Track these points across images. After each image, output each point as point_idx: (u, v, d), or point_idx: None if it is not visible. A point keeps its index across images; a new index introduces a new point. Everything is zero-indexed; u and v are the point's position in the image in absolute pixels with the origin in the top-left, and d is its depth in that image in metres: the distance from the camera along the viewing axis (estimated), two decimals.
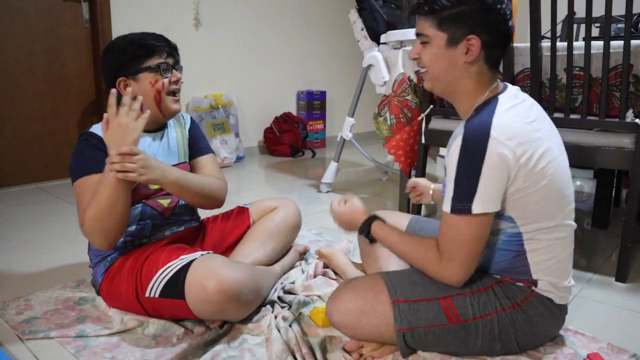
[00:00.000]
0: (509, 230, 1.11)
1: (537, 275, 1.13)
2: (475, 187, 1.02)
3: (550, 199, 1.09)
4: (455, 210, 1.05)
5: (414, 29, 1.16)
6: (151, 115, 1.36)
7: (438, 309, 1.10)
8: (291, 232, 1.70)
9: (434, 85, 1.18)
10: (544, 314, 1.15)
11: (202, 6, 3.63)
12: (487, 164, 1.01)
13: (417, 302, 1.11)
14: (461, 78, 1.12)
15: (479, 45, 1.08)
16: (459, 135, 1.05)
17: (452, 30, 1.08)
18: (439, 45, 1.11)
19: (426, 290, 1.13)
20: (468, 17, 1.07)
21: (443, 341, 1.12)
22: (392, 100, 2.18)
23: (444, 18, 1.08)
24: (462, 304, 1.11)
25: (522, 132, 1.04)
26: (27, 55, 2.93)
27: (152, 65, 1.35)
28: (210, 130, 3.66)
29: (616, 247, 1.69)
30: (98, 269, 1.40)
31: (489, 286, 1.13)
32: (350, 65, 4.70)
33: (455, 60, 1.10)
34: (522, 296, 1.13)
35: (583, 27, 2.61)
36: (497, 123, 1.02)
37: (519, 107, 1.09)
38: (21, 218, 2.36)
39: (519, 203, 1.07)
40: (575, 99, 1.72)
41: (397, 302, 1.12)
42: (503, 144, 1.01)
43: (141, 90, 1.35)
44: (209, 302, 1.21)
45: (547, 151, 1.07)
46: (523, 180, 1.04)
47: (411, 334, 1.11)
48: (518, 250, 1.12)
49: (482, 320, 1.11)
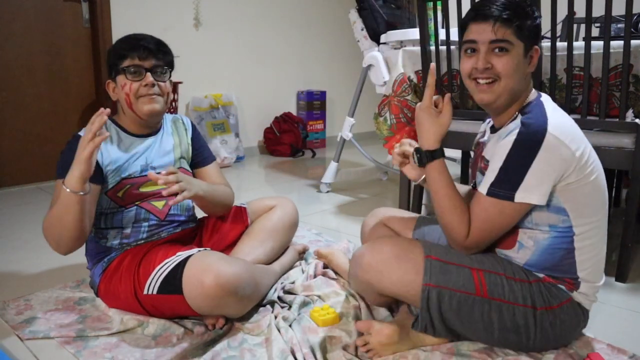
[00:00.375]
0: (560, 225, 1.12)
1: (581, 274, 1.14)
2: (521, 178, 1.05)
3: (598, 193, 1.12)
4: (496, 195, 1.08)
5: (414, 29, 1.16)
6: (130, 115, 1.41)
7: (469, 277, 1.12)
8: (289, 231, 1.70)
9: (499, 96, 1.13)
10: (572, 320, 1.16)
11: (202, 6, 3.63)
12: (540, 158, 1.04)
13: (449, 264, 1.14)
14: (521, 87, 1.15)
15: (538, 56, 1.14)
16: (514, 131, 1.07)
17: (527, 40, 1.11)
18: (519, 54, 1.11)
19: (460, 258, 1.15)
20: (536, 29, 1.13)
21: (464, 311, 1.12)
22: (392, 100, 2.18)
23: (523, 27, 1.10)
24: (494, 281, 1.12)
25: (573, 129, 1.09)
26: (27, 55, 2.93)
27: (122, 68, 1.35)
28: (210, 130, 3.66)
29: (616, 247, 1.69)
30: (95, 270, 1.41)
31: (527, 280, 1.14)
32: (350, 65, 4.70)
33: (526, 69, 1.14)
34: (559, 301, 1.13)
35: (583, 27, 2.61)
36: (552, 120, 1.06)
37: (559, 109, 1.14)
38: (21, 218, 2.36)
39: (573, 194, 1.09)
40: (575, 99, 1.72)
41: (430, 258, 1.15)
42: (559, 140, 1.04)
43: (118, 93, 1.39)
44: (207, 296, 1.20)
45: (592, 149, 1.12)
46: (577, 173, 1.07)
47: (437, 292, 1.12)
48: (567, 247, 1.13)
49: (507, 306, 1.11)
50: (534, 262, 1.16)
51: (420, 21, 1.99)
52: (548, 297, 1.13)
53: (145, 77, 1.35)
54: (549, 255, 1.14)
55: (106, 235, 1.40)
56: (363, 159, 3.58)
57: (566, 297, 1.14)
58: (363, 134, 4.46)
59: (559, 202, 1.09)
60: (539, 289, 1.13)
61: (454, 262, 1.14)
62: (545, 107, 1.11)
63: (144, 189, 1.41)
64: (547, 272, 1.15)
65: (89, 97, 3.22)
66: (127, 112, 1.39)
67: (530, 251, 1.15)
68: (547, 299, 1.13)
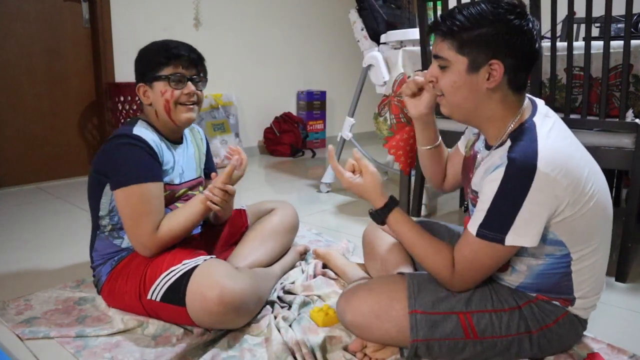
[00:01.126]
0: (557, 254, 1.06)
1: (578, 294, 1.10)
2: (511, 220, 0.98)
3: (599, 216, 1.05)
4: (485, 237, 1.01)
5: (414, 29, 1.14)
6: (164, 121, 1.40)
7: (456, 323, 1.08)
8: (289, 233, 1.70)
9: (452, 112, 1.09)
10: (570, 333, 1.13)
11: (202, 6, 3.63)
12: (530, 199, 0.95)
13: (435, 315, 1.09)
14: (484, 104, 1.05)
15: (502, 71, 1.00)
16: (500, 166, 0.98)
17: (474, 55, 1.00)
18: (460, 70, 1.02)
19: (447, 302, 1.09)
20: (491, 40, 0.98)
21: (455, 352, 1.10)
22: (392, 100, 2.18)
23: (464, 41, 1.00)
24: (483, 321, 1.08)
25: (568, 156, 0.99)
26: (27, 55, 2.93)
27: (164, 75, 1.35)
28: (210, 130, 3.66)
29: (616, 247, 1.69)
30: (103, 268, 1.39)
31: (517, 306, 1.10)
32: (350, 65, 4.70)
33: (477, 86, 1.03)
34: (554, 316, 1.10)
35: (583, 27, 2.61)
36: (542, 152, 0.96)
37: (555, 128, 1.03)
38: (21, 218, 2.36)
39: (570, 226, 1.02)
40: (575, 99, 1.72)
41: (415, 313, 1.09)
42: (550, 176, 0.95)
43: (154, 98, 1.38)
44: (210, 312, 1.20)
45: (590, 171, 1.02)
46: (572, 207, 0.99)
47: (426, 345, 1.09)
48: (564, 272, 1.07)
49: (501, 340, 1.08)
50: (527, 285, 1.11)
51: (420, 21, 1.99)
52: (542, 316, 1.09)
53: (187, 86, 1.37)
54: (545, 279, 1.09)
55: (123, 235, 1.39)
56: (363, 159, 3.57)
57: (562, 312, 1.11)
58: (363, 134, 4.46)
59: (555, 236, 1.03)
60: (531, 311, 1.09)
61: (440, 312, 1.08)
62: (538, 130, 1.00)
63: (177, 195, 1.44)
64: (542, 292, 1.11)
65: (89, 97, 3.22)
66: (162, 118, 1.40)
67: (523, 275, 1.10)
68: (541, 318, 1.09)
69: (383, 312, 1.11)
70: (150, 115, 1.42)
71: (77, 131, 3.18)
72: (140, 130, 1.34)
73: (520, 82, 1.05)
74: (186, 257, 1.31)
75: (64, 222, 2.28)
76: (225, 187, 1.31)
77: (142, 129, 1.36)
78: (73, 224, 2.24)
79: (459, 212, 2.56)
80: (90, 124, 3.24)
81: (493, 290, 1.12)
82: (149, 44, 1.41)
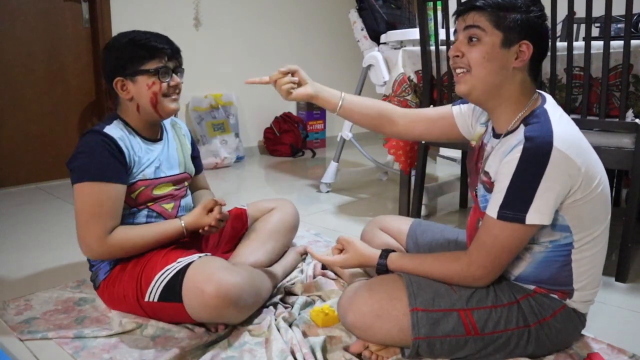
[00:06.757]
0: (561, 241, 1.08)
1: (577, 285, 1.11)
2: (531, 198, 0.99)
3: (603, 203, 1.08)
4: (505, 217, 1.02)
5: (414, 29, 1.14)
6: (147, 114, 1.38)
7: (457, 320, 1.09)
8: (289, 232, 1.70)
9: (473, 87, 1.09)
10: (568, 327, 1.14)
11: (202, 6, 3.63)
12: (548, 175, 0.98)
13: (436, 312, 1.10)
14: (506, 83, 1.08)
15: (530, 53, 1.05)
16: (517, 145, 1.01)
17: (508, 31, 1.04)
18: (494, 43, 1.05)
19: (447, 299, 1.10)
20: (524, 23, 1.04)
21: (456, 349, 1.11)
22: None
23: (501, 17, 1.04)
24: (483, 317, 1.09)
25: (579, 139, 1.04)
26: (27, 55, 2.93)
27: (151, 69, 1.33)
28: (210, 130, 3.66)
29: (616, 247, 1.69)
30: (102, 266, 1.39)
31: (515, 300, 1.11)
32: (350, 65, 4.70)
33: (506, 62, 1.06)
34: (552, 310, 1.11)
35: (583, 27, 2.61)
36: (557, 131, 0.99)
37: (565, 116, 1.08)
38: (21, 218, 2.36)
39: (578, 211, 1.04)
40: (575, 99, 1.72)
41: (416, 311, 1.10)
42: (566, 154, 0.98)
43: (138, 92, 1.35)
44: (207, 306, 1.20)
45: (597, 158, 1.07)
46: (583, 189, 1.02)
47: (427, 342, 1.10)
48: (564, 260, 1.09)
49: (500, 334, 1.10)
50: (526, 275, 1.13)
51: (420, 21, 1.99)
52: (539, 310, 1.11)
53: (172, 78, 1.37)
54: (545, 268, 1.11)
55: None
56: (363, 159, 3.58)
57: (559, 305, 1.12)
58: (363, 134, 4.45)
59: (564, 220, 1.05)
60: (529, 305, 1.11)
61: (441, 309, 1.10)
62: (550, 115, 1.04)
63: (157, 191, 1.42)
64: (541, 284, 1.13)
65: (89, 97, 3.22)
66: (146, 111, 1.37)
67: (525, 263, 1.12)
68: (538, 312, 1.11)
69: (384, 311, 1.12)
70: (128, 110, 1.39)
71: (77, 131, 3.18)
72: (112, 130, 1.33)
73: (537, 71, 1.11)
74: (180, 255, 1.32)
75: (64, 222, 2.28)
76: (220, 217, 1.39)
77: (116, 128, 1.34)
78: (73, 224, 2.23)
79: (459, 212, 2.56)
80: (90, 124, 3.24)
81: (492, 285, 1.13)
82: (117, 37, 1.36)
